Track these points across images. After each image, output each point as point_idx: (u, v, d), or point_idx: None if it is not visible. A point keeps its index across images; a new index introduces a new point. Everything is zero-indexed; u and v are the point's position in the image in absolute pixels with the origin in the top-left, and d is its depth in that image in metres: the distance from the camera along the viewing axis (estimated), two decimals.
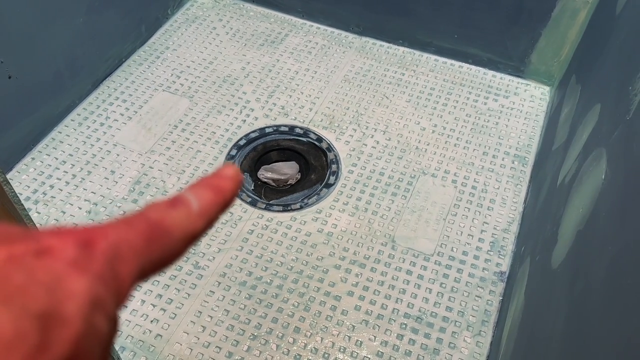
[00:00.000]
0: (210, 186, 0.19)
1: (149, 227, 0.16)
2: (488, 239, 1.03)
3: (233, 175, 0.19)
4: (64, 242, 0.14)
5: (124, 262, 0.15)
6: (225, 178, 0.19)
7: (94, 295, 0.13)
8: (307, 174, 1.14)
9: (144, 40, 1.37)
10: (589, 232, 0.64)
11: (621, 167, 0.62)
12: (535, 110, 1.26)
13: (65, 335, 0.13)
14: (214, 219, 0.18)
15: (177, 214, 0.17)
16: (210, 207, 0.18)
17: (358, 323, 0.93)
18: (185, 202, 0.18)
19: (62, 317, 0.13)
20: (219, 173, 0.19)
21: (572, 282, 0.64)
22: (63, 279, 0.13)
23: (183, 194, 0.18)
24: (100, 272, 0.14)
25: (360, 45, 1.40)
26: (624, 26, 0.86)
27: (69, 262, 0.14)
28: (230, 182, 0.19)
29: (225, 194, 0.19)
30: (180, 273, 0.98)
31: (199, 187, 0.18)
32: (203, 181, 0.19)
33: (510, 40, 1.26)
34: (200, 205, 0.18)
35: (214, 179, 0.19)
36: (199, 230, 0.18)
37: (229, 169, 0.20)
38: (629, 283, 0.48)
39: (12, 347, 0.12)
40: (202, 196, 0.18)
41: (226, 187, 0.19)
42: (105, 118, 1.22)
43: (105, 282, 0.14)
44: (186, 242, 0.17)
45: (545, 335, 0.66)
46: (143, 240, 0.16)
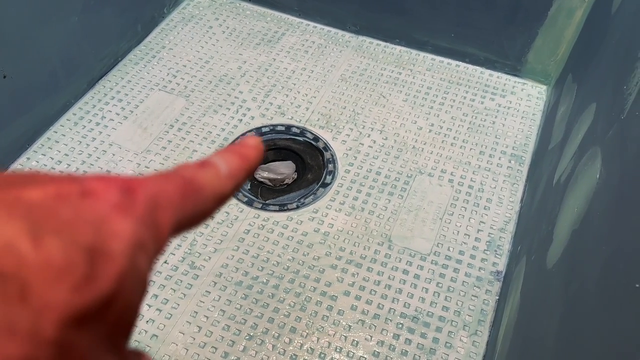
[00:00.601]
0: (236, 152, 0.20)
1: (184, 182, 0.17)
2: (484, 238, 1.03)
3: (256, 144, 0.21)
4: (107, 187, 0.14)
5: (162, 211, 0.15)
6: (249, 146, 0.20)
7: (137, 237, 0.14)
8: (303, 174, 1.13)
9: (140, 39, 1.37)
10: (584, 231, 0.64)
11: (616, 166, 0.62)
12: (532, 109, 1.26)
13: (111, 270, 0.13)
14: (240, 183, 0.19)
15: (208, 174, 0.18)
16: (237, 171, 0.19)
17: (354, 323, 0.92)
18: (214, 165, 0.18)
19: (108, 253, 0.13)
20: (243, 142, 0.20)
21: (567, 281, 0.64)
22: (108, 219, 0.14)
23: (211, 158, 0.19)
24: (142, 217, 0.14)
25: (357, 44, 1.40)
26: (620, 25, 0.86)
27: (113, 204, 0.14)
28: (254, 150, 0.20)
29: (250, 161, 0.20)
30: (176, 273, 0.97)
31: (226, 152, 0.19)
32: (228, 148, 0.20)
33: (506, 39, 1.26)
34: (228, 168, 0.19)
35: (238, 147, 0.20)
36: (227, 192, 0.18)
37: (252, 139, 0.21)
38: (624, 282, 0.48)
39: (61, 275, 0.12)
40: (229, 160, 0.19)
41: (250, 155, 0.20)
42: (101, 118, 1.21)
43: (146, 227, 0.14)
44: (216, 201, 0.18)
45: (540, 335, 0.66)
46: (179, 194, 0.16)
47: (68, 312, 0.12)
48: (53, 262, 0.12)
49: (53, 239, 0.12)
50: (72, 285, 0.12)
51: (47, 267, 0.12)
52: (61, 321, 0.12)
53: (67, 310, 0.12)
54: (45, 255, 0.12)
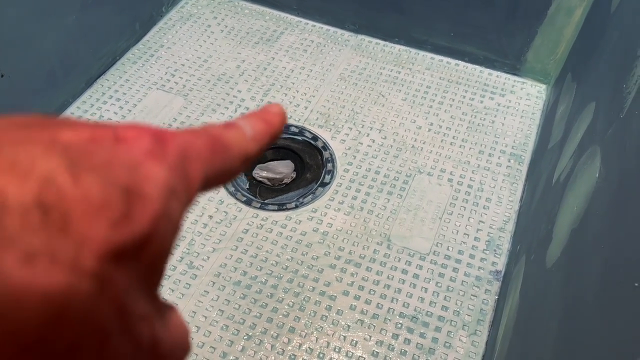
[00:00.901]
0: (260, 117, 0.20)
1: (212, 139, 0.17)
2: (484, 237, 1.03)
3: (279, 111, 0.21)
4: (140, 134, 0.15)
5: (193, 163, 0.16)
6: (272, 113, 0.21)
7: (170, 183, 0.14)
8: (302, 173, 1.13)
9: (138, 38, 1.36)
10: (584, 230, 0.64)
11: (615, 165, 0.62)
12: (532, 108, 1.26)
13: (147, 211, 0.13)
14: (264, 147, 0.19)
15: (234, 133, 0.18)
16: (261, 134, 0.19)
17: (353, 323, 0.92)
18: (240, 127, 0.19)
19: (143, 195, 0.13)
20: (266, 109, 0.21)
21: (566, 281, 0.64)
22: (141, 163, 0.14)
23: (236, 121, 0.19)
24: (173, 164, 0.15)
25: (356, 43, 1.39)
26: (619, 24, 0.86)
27: (146, 150, 0.14)
28: (277, 117, 0.21)
29: (274, 126, 0.20)
30: (174, 273, 0.97)
31: (250, 117, 0.20)
32: (252, 113, 0.20)
33: (506, 38, 1.26)
34: (253, 131, 0.19)
35: (262, 113, 0.20)
36: (252, 153, 0.19)
37: (275, 107, 0.21)
38: (623, 281, 0.47)
39: (100, 211, 0.12)
40: (253, 124, 0.19)
41: (274, 120, 0.20)
42: (99, 117, 1.21)
43: (178, 175, 0.15)
44: (242, 161, 0.18)
45: (540, 334, 0.66)
46: (208, 148, 0.17)
47: (107, 247, 0.12)
48: (92, 198, 0.12)
49: (91, 176, 0.13)
50: (111, 221, 0.12)
51: (86, 202, 0.12)
52: (101, 255, 0.12)
53: (106, 245, 0.12)
54: (84, 190, 0.12)
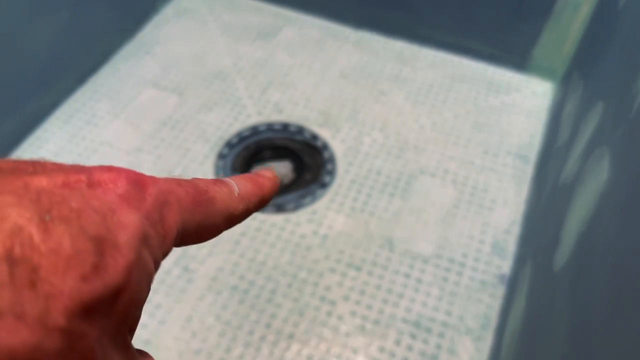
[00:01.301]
0: (250, 179, 0.20)
1: (196, 190, 0.16)
2: (489, 240, 1.00)
3: (271, 176, 0.21)
4: (116, 178, 0.14)
5: (171, 211, 0.15)
6: (264, 177, 0.20)
7: (143, 231, 0.14)
8: (301, 174, 1.10)
9: (131, 34, 1.33)
10: (592, 233, 0.62)
11: (624, 166, 0.60)
12: (538, 107, 1.23)
13: (119, 261, 0.13)
14: (251, 209, 0.19)
15: (222, 189, 0.18)
16: (250, 196, 0.19)
17: (354, 328, 0.90)
18: (228, 184, 0.18)
19: (115, 244, 0.13)
20: (259, 172, 0.21)
21: (574, 285, 0.62)
22: (116, 210, 0.14)
23: (225, 178, 0.19)
24: (149, 212, 0.14)
25: (357, 39, 1.36)
26: (627, 21, 0.84)
27: (121, 196, 0.14)
28: (269, 182, 0.20)
29: (264, 190, 0.20)
30: (169, 277, 0.94)
31: (241, 177, 0.19)
32: (244, 175, 0.20)
33: (511, 34, 1.24)
34: (241, 191, 0.18)
35: (253, 175, 0.20)
36: (238, 212, 0.18)
37: (268, 171, 0.21)
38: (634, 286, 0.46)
39: (70, 264, 0.12)
40: (243, 183, 0.19)
41: (265, 184, 0.20)
42: (91, 115, 1.18)
43: (153, 223, 0.14)
44: (226, 219, 0.18)
45: (548, 341, 0.64)
46: (190, 199, 0.16)
47: (77, 301, 0.12)
48: (62, 250, 0.12)
49: (62, 226, 0.12)
50: (82, 274, 0.12)
51: (56, 255, 0.12)
52: (70, 310, 0.12)
53: (76, 299, 0.12)
54: (54, 242, 0.12)
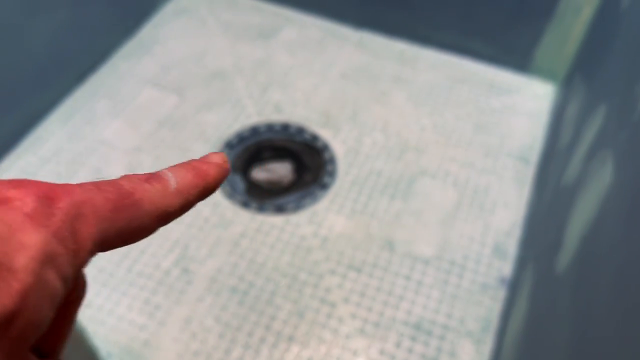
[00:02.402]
0: (192, 168, 0.18)
1: (118, 194, 0.16)
2: (490, 243, 1.00)
3: (219, 162, 0.19)
4: (24, 194, 0.14)
5: (85, 223, 0.15)
6: (210, 164, 0.19)
7: (47, 251, 0.13)
8: (301, 175, 1.10)
9: (131, 33, 1.33)
10: (595, 236, 0.62)
11: (628, 169, 0.60)
12: (539, 108, 1.23)
13: (14, 287, 0.13)
14: (191, 202, 0.18)
15: (151, 187, 0.17)
16: (189, 188, 0.18)
17: (354, 331, 0.89)
18: (163, 179, 0.17)
19: (11, 268, 0.13)
20: (205, 158, 0.19)
21: (577, 288, 0.62)
22: (18, 230, 0.13)
23: (163, 171, 0.18)
24: (58, 229, 0.14)
25: (358, 39, 1.36)
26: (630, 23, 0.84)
27: (27, 214, 0.14)
28: (215, 169, 0.19)
29: (207, 179, 0.18)
30: (169, 278, 0.94)
31: (181, 167, 0.18)
32: (186, 163, 0.19)
33: (513, 35, 1.23)
34: (178, 184, 0.18)
35: (198, 163, 0.19)
36: (172, 209, 0.17)
37: (217, 156, 0.19)
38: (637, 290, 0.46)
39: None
40: (181, 176, 0.18)
41: (209, 173, 0.19)
42: (91, 115, 1.17)
43: (61, 239, 0.14)
44: (157, 218, 0.17)
45: (550, 344, 0.64)
46: (110, 206, 0.16)
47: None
48: None
49: None
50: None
51: None
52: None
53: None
54: None
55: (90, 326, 0.88)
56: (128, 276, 0.94)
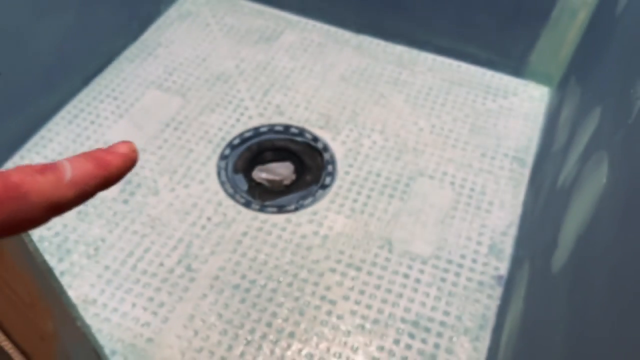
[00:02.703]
0: (93, 158, 0.18)
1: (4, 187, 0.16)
2: (486, 242, 1.02)
3: (125, 152, 0.19)
4: None
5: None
6: (115, 153, 0.18)
7: None
8: (302, 175, 1.12)
9: (135, 36, 1.35)
10: (591, 237, 0.63)
11: (623, 171, 0.61)
12: (535, 111, 1.25)
13: None
14: (88, 192, 0.17)
15: (43, 179, 0.16)
16: (86, 179, 0.17)
17: (354, 328, 0.91)
18: (58, 169, 0.17)
19: None
20: (111, 147, 0.19)
21: (572, 287, 0.63)
22: None
23: (60, 161, 0.18)
24: None
25: (358, 43, 1.38)
26: (625, 27, 0.85)
27: None
28: (119, 158, 0.18)
29: (109, 169, 0.18)
30: (172, 276, 0.96)
31: (82, 156, 0.18)
32: (90, 152, 0.18)
33: (509, 39, 1.25)
34: (74, 175, 0.17)
35: (102, 152, 0.18)
36: (65, 200, 0.17)
37: (123, 145, 0.19)
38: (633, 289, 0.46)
39: None
40: (80, 166, 0.17)
41: (112, 163, 0.18)
42: (95, 116, 1.19)
43: None
44: (48, 209, 0.16)
45: (546, 342, 0.65)
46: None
47: None
48: None
49: None
50: None
51: None
52: None
53: None
54: None
55: (94, 324, 0.90)
56: (132, 274, 0.96)
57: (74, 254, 0.98)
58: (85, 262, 0.97)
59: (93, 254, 0.98)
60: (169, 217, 1.03)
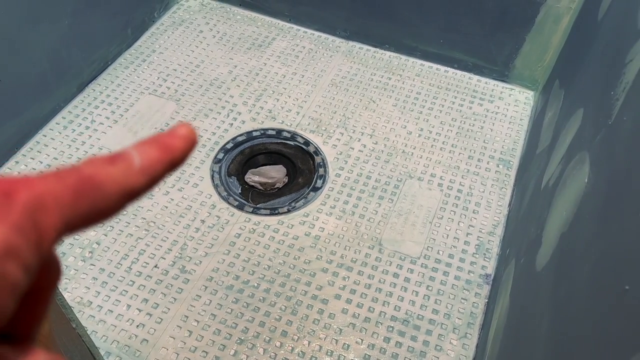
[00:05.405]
0: (158, 143, 0.18)
1: (79, 180, 0.16)
2: (473, 242, 1.04)
3: (185, 134, 0.19)
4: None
5: (47, 213, 0.15)
6: (176, 136, 0.18)
7: (7, 245, 0.14)
8: (294, 178, 1.14)
9: (130, 43, 1.36)
10: (573, 234, 0.65)
11: (604, 170, 0.63)
12: (520, 114, 1.28)
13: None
14: (157, 177, 0.18)
15: (114, 169, 0.17)
16: (154, 164, 0.18)
17: (345, 326, 0.93)
18: (126, 158, 0.17)
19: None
20: (172, 131, 0.19)
21: (556, 284, 0.64)
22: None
23: (127, 149, 0.18)
24: (17, 222, 0.14)
25: (347, 49, 1.41)
26: (606, 31, 0.87)
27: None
28: (181, 141, 0.18)
29: (173, 153, 0.18)
30: (166, 277, 0.97)
31: (146, 143, 0.18)
32: (152, 138, 0.18)
33: (494, 45, 1.28)
34: (142, 162, 0.17)
35: (164, 137, 0.18)
36: (138, 187, 0.17)
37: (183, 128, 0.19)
38: (613, 284, 0.48)
39: None
40: (146, 153, 0.18)
41: (176, 146, 0.18)
42: (90, 121, 1.21)
43: (23, 232, 0.14)
44: (122, 197, 0.17)
45: (530, 337, 0.66)
46: (71, 193, 0.16)
47: None
48: None
49: None
50: None
51: None
52: None
53: None
54: None
55: (89, 325, 0.91)
56: (127, 276, 0.97)
57: (70, 256, 0.99)
58: (81, 264, 0.98)
59: (88, 256, 0.99)
60: (163, 220, 1.05)
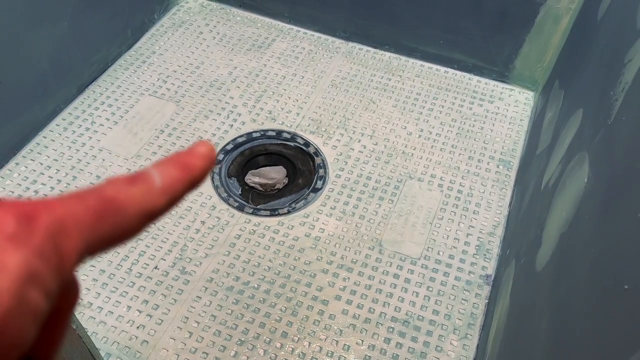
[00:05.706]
0: (177, 163, 0.18)
1: (100, 202, 0.16)
2: (474, 242, 1.04)
3: (205, 153, 0.18)
4: (3, 216, 0.14)
5: (68, 237, 0.15)
6: (196, 155, 0.18)
7: (29, 270, 0.13)
8: (294, 179, 1.14)
9: (130, 44, 1.37)
10: (573, 234, 0.65)
11: (603, 170, 0.63)
12: (520, 115, 1.28)
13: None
14: (178, 197, 0.18)
15: (136, 190, 0.17)
16: (175, 184, 0.17)
17: (345, 327, 0.93)
18: (147, 178, 0.17)
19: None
20: (191, 150, 0.19)
21: (556, 284, 0.64)
22: None
23: (147, 169, 0.17)
24: (39, 246, 0.14)
25: (347, 50, 1.41)
26: (606, 32, 0.87)
27: (7, 236, 0.13)
28: (201, 160, 0.18)
29: (193, 172, 0.18)
30: (166, 279, 0.97)
31: (166, 163, 0.18)
32: (172, 157, 0.18)
33: (494, 45, 1.28)
34: (163, 182, 0.17)
35: (183, 156, 0.18)
36: (159, 208, 0.17)
37: (202, 146, 0.19)
38: (612, 284, 0.48)
39: None
40: (166, 172, 0.17)
41: (195, 165, 0.18)
42: (90, 123, 1.21)
43: (44, 257, 0.14)
44: (143, 219, 0.17)
45: (530, 337, 0.66)
46: (92, 215, 0.15)
47: None
48: None
49: None
50: None
51: None
52: None
53: None
54: None
55: (90, 327, 0.91)
56: (127, 278, 0.97)
57: None
58: (81, 266, 0.98)
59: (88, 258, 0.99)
60: (163, 221, 1.05)
